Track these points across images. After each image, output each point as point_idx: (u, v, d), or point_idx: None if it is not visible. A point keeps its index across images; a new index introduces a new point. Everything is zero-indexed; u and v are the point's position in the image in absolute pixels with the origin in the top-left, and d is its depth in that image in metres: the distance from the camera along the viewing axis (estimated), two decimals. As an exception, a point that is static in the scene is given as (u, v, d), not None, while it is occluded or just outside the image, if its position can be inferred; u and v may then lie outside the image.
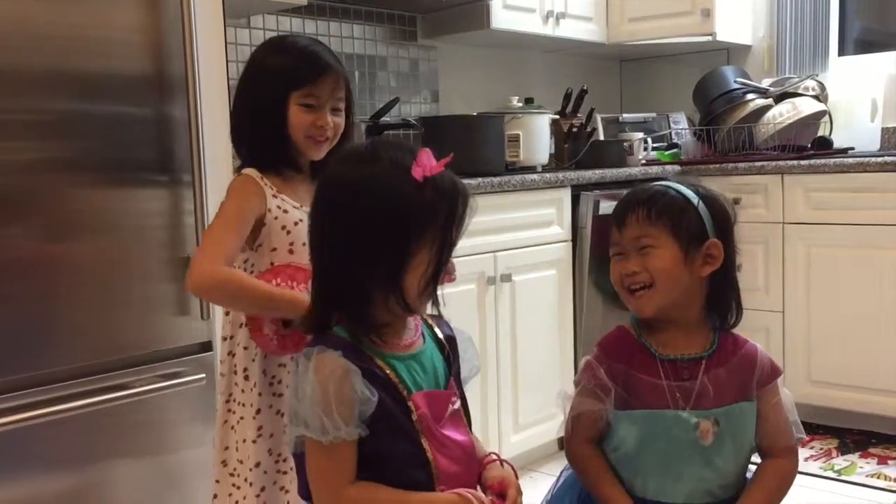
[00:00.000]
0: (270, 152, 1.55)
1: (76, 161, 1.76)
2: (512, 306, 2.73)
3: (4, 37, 1.65)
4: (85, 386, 1.76)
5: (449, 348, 1.27)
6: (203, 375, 1.91)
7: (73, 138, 1.75)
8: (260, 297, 1.44)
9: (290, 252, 1.53)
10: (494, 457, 1.27)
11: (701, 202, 1.35)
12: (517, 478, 1.26)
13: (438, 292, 1.18)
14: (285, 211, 1.53)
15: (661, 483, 1.34)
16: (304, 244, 1.51)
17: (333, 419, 1.09)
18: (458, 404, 1.24)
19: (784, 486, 1.38)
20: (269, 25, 2.89)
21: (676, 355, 1.35)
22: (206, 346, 1.95)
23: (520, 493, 1.23)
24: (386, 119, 2.90)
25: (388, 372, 1.15)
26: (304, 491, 1.20)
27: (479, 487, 1.23)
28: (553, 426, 1.48)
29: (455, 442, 1.20)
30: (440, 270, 1.14)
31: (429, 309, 1.22)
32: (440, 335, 1.27)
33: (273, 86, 1.52)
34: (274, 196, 1.53)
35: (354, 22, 3.16)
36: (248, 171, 1.54)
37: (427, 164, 1.14)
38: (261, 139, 1.55)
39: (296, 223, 1.53)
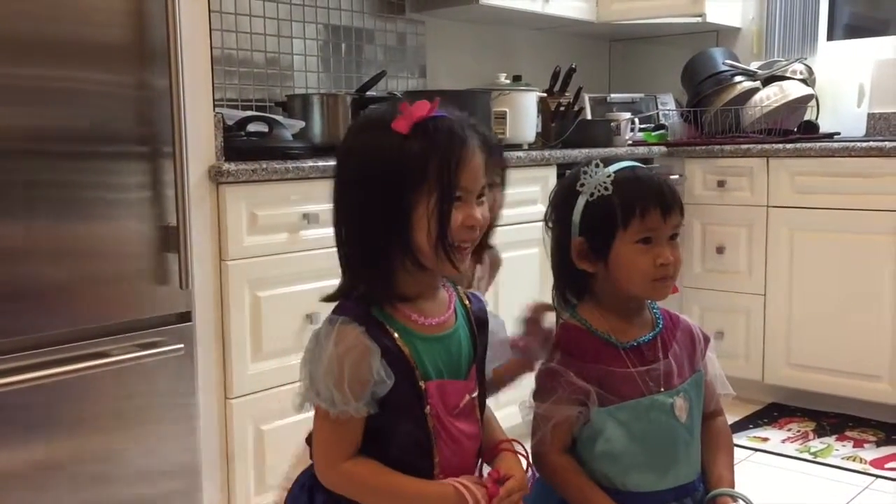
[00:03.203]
0: None
1: (53, 130, 1.73)
2: (494, 283, 2.72)
3: (-19, -1, 1.62)
4: (62, 353, 1.75)
5: (478, 331, 1.23)
6: (182, 346, 1.90)
7: (49, 106, 1.72)
8: None
9: None
10: (508, 446, 1.24)
11: None
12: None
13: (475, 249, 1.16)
14: None
15: (657, 472, 1.31)
16: None
17: (344, 394, 1.08)
18: (475, 394, 1.21)
19: (731, 440, 1.42)
20: (255, -5, 2.86)
21: (635, 340, 1.33)
22: (185, 317, 1.94)
23: (521, 488, 1.18)
24: (372, 93, 2.88)
25: (407, 353, 1.13)
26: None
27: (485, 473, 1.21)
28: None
29: (465, 434, 1.19)
30: (444, 224, 1.09)
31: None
32: (472, 315, 1.23)
33: None
34: None
35: (342, -6, 3.12)
36: None
37: (414, 113, 1.09)
38: None
39: None
